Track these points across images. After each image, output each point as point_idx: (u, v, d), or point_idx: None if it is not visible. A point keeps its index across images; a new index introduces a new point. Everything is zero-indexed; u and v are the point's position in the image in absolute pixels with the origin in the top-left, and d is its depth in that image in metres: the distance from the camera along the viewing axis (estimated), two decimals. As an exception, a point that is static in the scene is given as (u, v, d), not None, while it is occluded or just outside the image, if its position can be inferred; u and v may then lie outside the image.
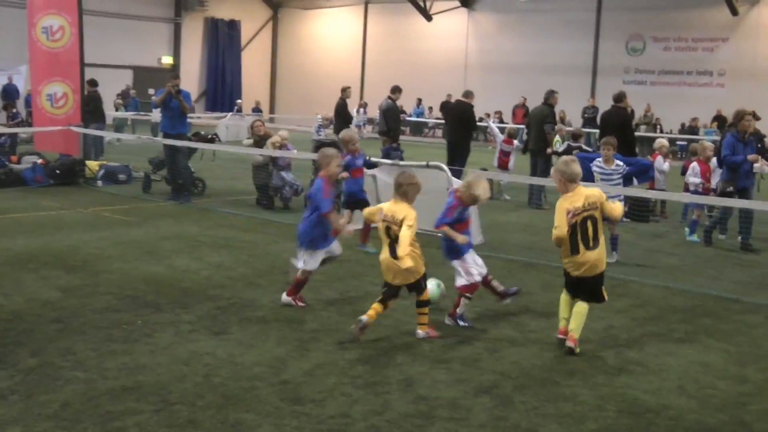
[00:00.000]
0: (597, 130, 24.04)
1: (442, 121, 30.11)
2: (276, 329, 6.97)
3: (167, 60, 43.25)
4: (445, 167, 11.35)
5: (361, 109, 38.02)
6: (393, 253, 6.76)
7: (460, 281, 7.37)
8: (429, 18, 42.04)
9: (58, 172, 16.03)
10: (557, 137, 19.17)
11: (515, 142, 17.54)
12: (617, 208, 6.95)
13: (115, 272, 8.79)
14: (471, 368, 6.20)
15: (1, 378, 5.58)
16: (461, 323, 7.32)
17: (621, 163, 10.72)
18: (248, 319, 7.26)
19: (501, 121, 35.12)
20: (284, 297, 7.78)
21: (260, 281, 8.71)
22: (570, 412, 5.40)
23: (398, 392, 5.63)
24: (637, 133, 21.48)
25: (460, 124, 16.50)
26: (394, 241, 6.78)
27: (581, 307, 6.73)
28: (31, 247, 9.97)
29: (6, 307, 7.33)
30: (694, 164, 13.26)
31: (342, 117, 19.43)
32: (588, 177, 10.43)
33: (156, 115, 27.50)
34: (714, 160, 13.85)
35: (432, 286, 7.55)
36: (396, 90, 18.06)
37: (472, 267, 7.40)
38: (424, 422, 5.14)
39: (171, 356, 6.16)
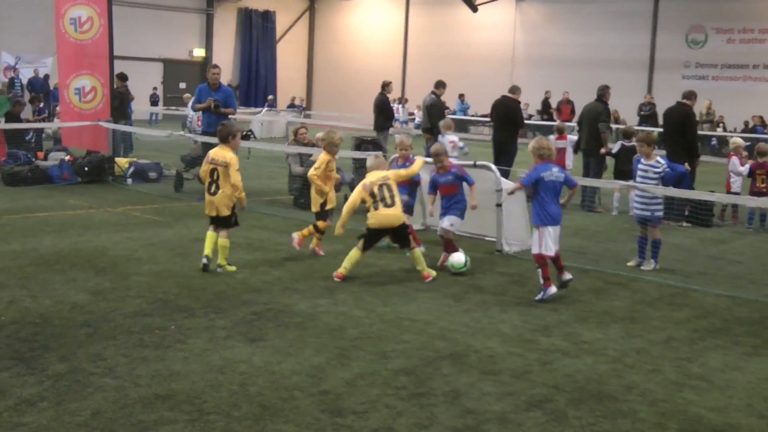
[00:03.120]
0: (654, 129, 23.87)
1: (487, 119, 29.98)
2: (315, 336, 6.99)
3: (199, 53, 43.59)
4: (494, 167, 11.28)
5: (400, 106, 37.92)
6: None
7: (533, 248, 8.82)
8: (474, 9, 41.90)
9: (86, 169, 16.23)
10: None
11: (568, 136, 17.02)
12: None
13: (145, 274, 8.89)
14: (521, 380, 6.16)
15: (30, 384, 5.66)
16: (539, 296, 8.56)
17: (662, 161, 10.41)
18: (285, 325, 7.29)
19: (549, 118, 34.89)
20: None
21: (297, 285, 8.74)
22: (628, 430, 5.34)
23: (444, 405, 5.61)
24: (699, 132, 20.86)
25: (506, 121, 16.34)
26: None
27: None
28: (59, 248, 10.12)
29: (34, 310, 7.45)
30: None
31: (383, 113, 19.46)
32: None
33: (187, 110, 27.79)
34: None
35: (461, 257, 9.55)
36: (440, 85, 18.02)
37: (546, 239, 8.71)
38: (472, 437, 5.12)
39: (205, 363, 6.21)
